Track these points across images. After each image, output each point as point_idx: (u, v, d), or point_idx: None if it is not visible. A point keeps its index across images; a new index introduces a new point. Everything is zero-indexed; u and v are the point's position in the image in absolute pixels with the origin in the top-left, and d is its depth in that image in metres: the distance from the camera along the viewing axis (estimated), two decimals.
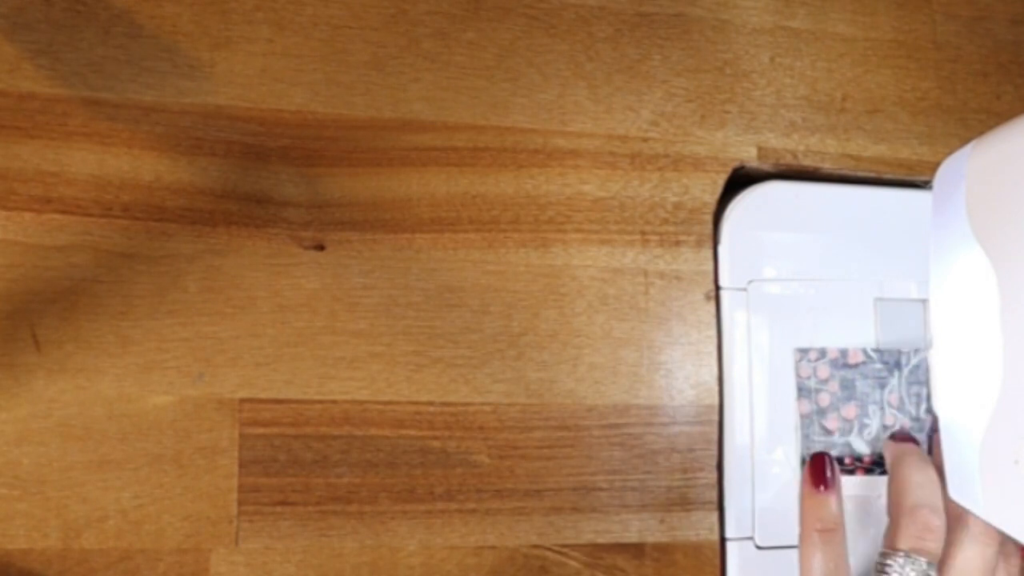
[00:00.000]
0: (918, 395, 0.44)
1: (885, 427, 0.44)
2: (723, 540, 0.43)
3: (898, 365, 0.44)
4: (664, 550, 0.42)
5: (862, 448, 0.43)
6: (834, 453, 0.43)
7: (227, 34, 0.41)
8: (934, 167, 0.39)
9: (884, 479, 0.43)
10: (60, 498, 0.38)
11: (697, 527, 0.43)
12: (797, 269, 0.44)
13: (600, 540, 0.42)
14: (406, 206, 0.42)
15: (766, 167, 0.46)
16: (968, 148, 0.37)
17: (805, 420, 0.43)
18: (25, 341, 0.38)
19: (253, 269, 0.40)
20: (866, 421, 0.43)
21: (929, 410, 0.44)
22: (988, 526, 0.39)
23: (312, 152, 0.41)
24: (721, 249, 0.44)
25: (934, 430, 0.44)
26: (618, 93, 0.44)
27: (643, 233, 0.43)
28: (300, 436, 0.40)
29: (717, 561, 0.43)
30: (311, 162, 0.41)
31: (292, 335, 0.40)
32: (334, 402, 0.40)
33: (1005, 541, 0.40)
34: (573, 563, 0.42)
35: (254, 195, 0.40)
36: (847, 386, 0.43)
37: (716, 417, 0.43)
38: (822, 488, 0.40)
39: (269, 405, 0.40)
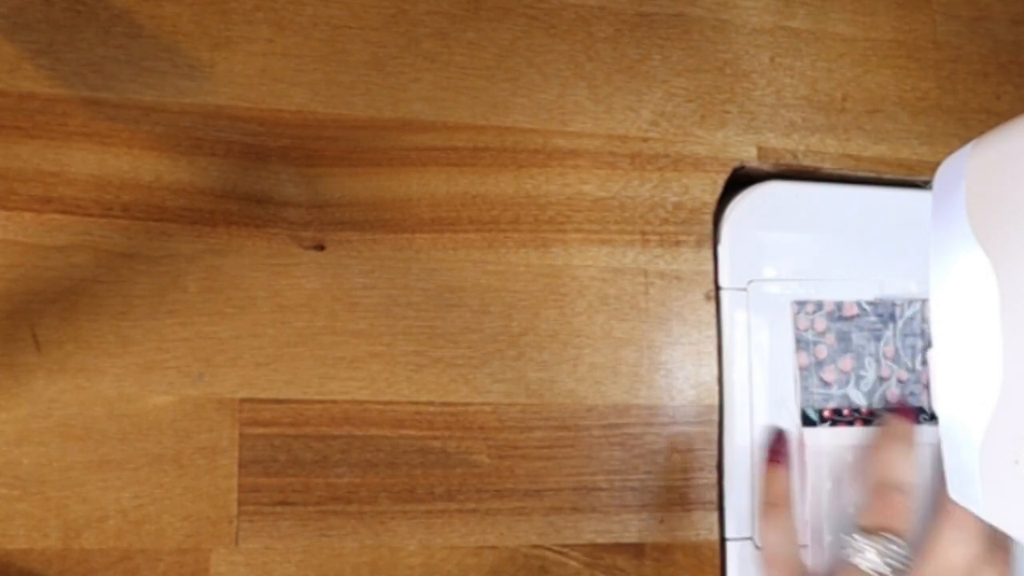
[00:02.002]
0: (913, 347, 0.44)
1: (881, 379, 0.44)
2: (723, 540, 0.43)
3: (892, 317, 0.44)
4: (664, 550, 0.42)
5: (859, 400, 0.44)
6: (832, 405, 0.44)
7: (227, 34, 0.41)
8: (934, 167, 0.39)
9: None
10: (60, 498, 0.38)
11: (697, 527, 0.43)
12: (797, 269, 0.44)
13: (600, 540, 0.42)
14: (406, 206, 0.42)
15: (766, 167, 0.46)
16: (968, 148, 0.37)
17: (804, 372, 0.43)
18: (25, 341, 0.38)
19: (253, 269, 0.40)
20: (862, 373, 0.44)
21: (925, 362, 0.44)
22: (976, 523, 0.39)
23: (312, 152, 0.41)
24: (721, 249, 0.44)
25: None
26: (618, 93, 0.44)
27: (643, 233, 0.43)
28: (300, 436, 0.40)
29: (717, 561, 0.43)
30: (311, 162, 0.41)
31: (292, 335, 0.40)
32: (334, 402, 0.40)
33: (994, 542, 0.40)
34: (573, 563, 0.42)
35: (254, 195, 0.40)
36: (843, 338, 0.44)
37: (716, 417, 0.43)
38: (774, 463, 0.42)
39: (269, 405, 0.40)
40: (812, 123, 0.46)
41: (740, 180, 0.45)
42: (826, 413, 0.43)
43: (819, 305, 0.44)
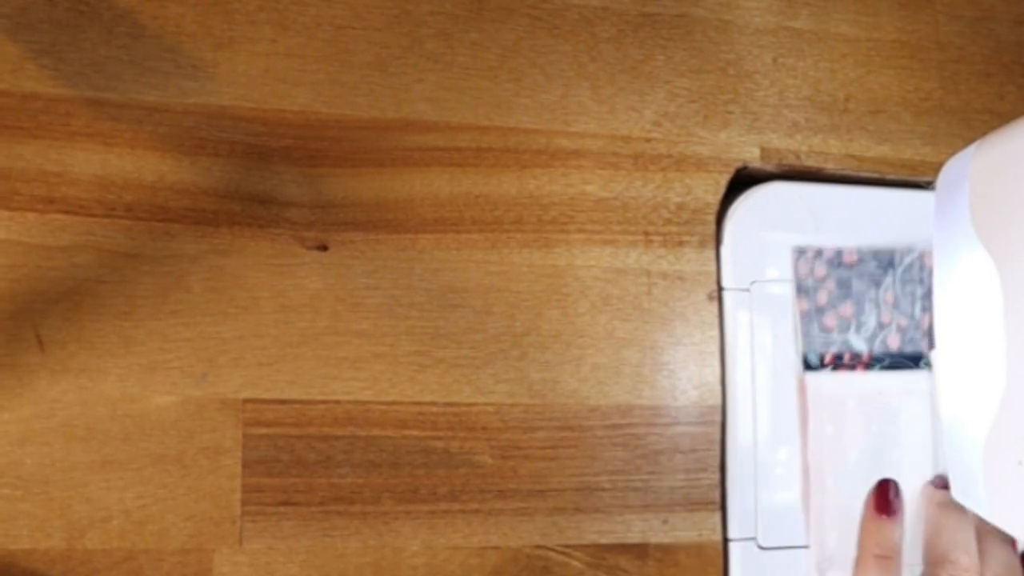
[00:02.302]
0: (912, 294, 0.44)
1: (881, 325, 0.44)
2: (726, 541, 0.43)
3: (891, 264, 0.44)
4: (667, 551, 0.42)
5: (860, 346, 0.44)
6: (833, 350, 0.44)
7: (230, 34, 0.41)
8: (937, 168, 0.39)
9: (884, 375, 0.44)
10: (64, 498, 0.38)
11: (700, 528, 0.43)
12: None
13: (603, 540, 0.42)
14: (409, 206, 0.42)
15: (769, 167, 0.46)
16: (971, 149, 0.37)
17: (804, 318, 0.44)
18: (28, 341, 0.38)
19: (256, 269, 0.40)
20: (863, 319, 0.44)
21: (924, 308, 0.44)
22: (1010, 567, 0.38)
23: (315, 152, 0.41)
24: (724, 250, 0.44)
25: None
26: (621, 93, 0.44)
27: (646, 233, 0.43)
28: (303, 436, 0.40)
29: (720, 562, 0.43)
30: (314, 162, 0.41)
31: (295, 335, 0.40)
32: (337, 402, 0.40)
33: None
34: (576, 563, 0.42)
35: (257, 195, 0.40)
36: (843, 285, 0.44)
37: (719, 417, 0.43)
38: (884, 515, 0.40)
39: (272, 405, 0.40)
40: (815, 124, 0.46)
41: (743, 181, 0.45)
42: (827, 358, 0.44)
43: (819, 252, 0.44)
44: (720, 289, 0.44)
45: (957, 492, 0.39)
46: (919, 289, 0.44)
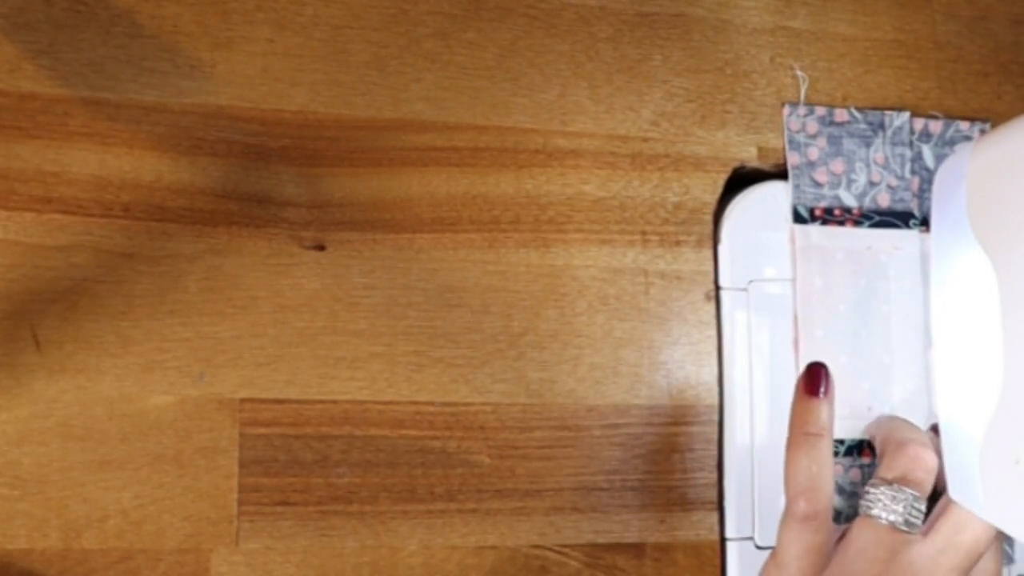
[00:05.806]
0: (902, 156, 0.45)
1: (871, 183, 0.44)
2: (723, 540, 0.43)
3: (882, 126, 0.45)
4: (664, 550, 0.42)
5: (851, 201, 0.44)
6: (823, 204, 0.44)
7: (228, 34, 0.41)
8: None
9: (873, 231, 0.44)
10: (61, 498, 0.38)
11: (697, 527, 0.43)
12: None
13: (600, 540, 0.42)
14: (407, 206, 0.42)
15: (766, 167, 0.46)
16: (969, 148, 0.37)
17: (795, 171, 0.44)
18: (26, 341, 0.38)
19: (254, 269, 0.40)
20: (853, 177, 0.44)
21: (914, 171, 0.45)
22: None
23: (313, 152, 0.41)
24: (721, 249, 0.44)
25: (922, 193, 0.45)
26: (619, 93, 0.44)
27: (643, 233, 0.43)
28: (300, 436, 0.40)
29: (717, 561, 0.43)
30: (312, 162, 0.41)
31: (293, 335, 0.40)
32: (334, 402, 0.40)
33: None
34: (573, 563, 0.42)
35: (255, 195, 0.40)
36: (835, 142, 0.45)
37: (716, 417, 0.44)
38: (815, 395, 0.40)
39: (269, 405, 0.40)
40: None
41: (740, 180, 0.45)
42: (817, 212, 0.44)
43: (811, 109, 0.45)
44: (717, 289, 0.44)
45: (954, 491, 0.39)
46: (908, 152, 0.45)
